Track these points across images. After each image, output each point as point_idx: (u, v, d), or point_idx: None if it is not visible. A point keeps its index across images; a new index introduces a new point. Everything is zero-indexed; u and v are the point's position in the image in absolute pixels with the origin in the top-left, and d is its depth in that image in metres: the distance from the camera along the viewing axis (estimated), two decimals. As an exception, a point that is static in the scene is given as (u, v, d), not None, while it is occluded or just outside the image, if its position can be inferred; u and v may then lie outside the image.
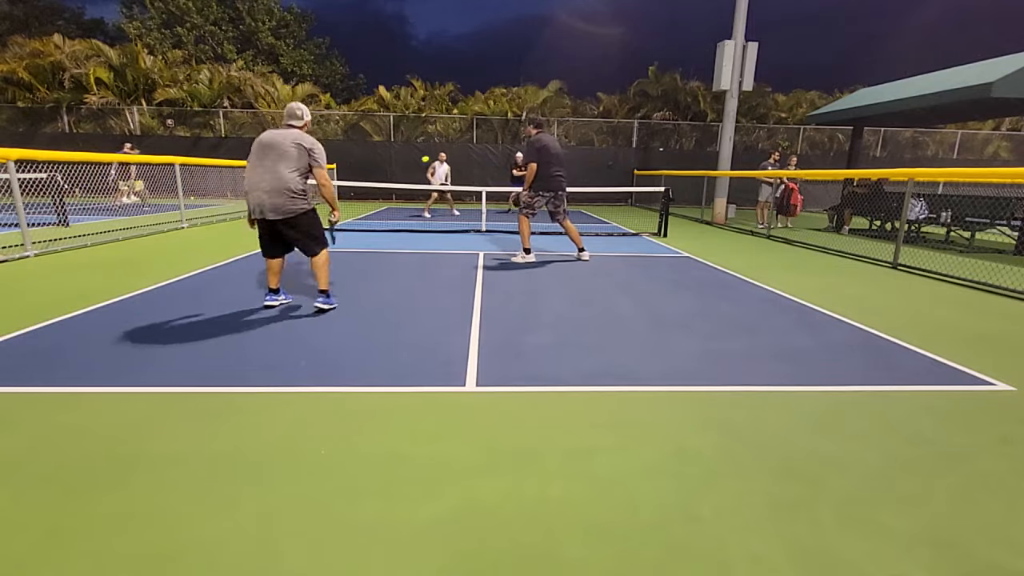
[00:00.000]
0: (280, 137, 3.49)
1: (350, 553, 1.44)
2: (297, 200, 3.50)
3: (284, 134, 3.50)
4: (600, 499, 1.70)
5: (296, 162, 3.47)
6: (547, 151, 5.80)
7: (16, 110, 17.69)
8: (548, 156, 5.80)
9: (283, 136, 3.49)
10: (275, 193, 3.43)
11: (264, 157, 3.47)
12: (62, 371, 2.63)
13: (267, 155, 3.46)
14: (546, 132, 5.99)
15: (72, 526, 1.52)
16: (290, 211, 3.49)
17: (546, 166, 5.81)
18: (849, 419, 2.30)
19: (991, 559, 1.46)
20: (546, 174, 5.84)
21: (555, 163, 5.87)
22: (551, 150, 5.84)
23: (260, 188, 3.43)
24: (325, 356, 2.93)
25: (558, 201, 6.01)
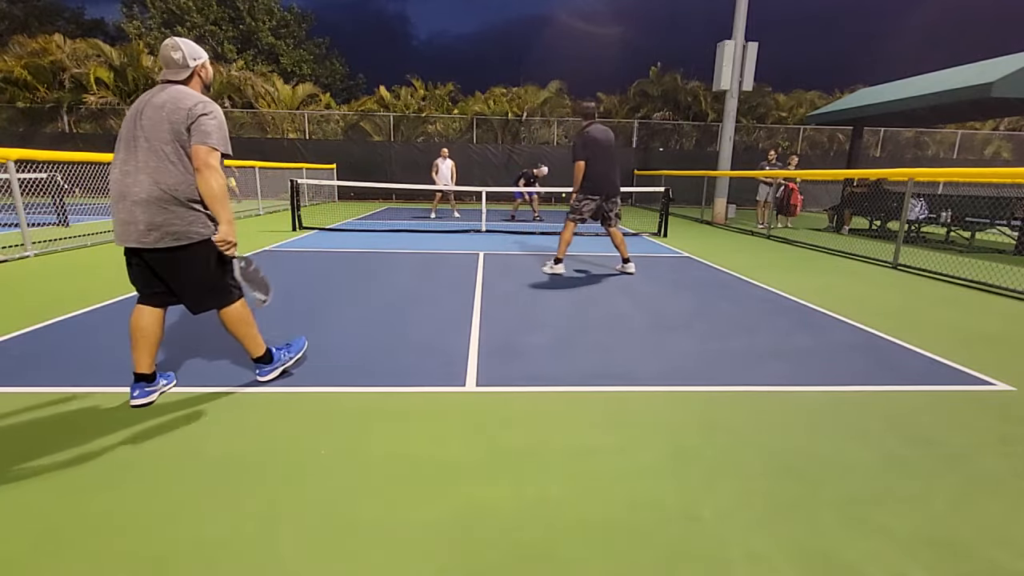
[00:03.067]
0: (148, 105, 2.12)
1: (350, 553, 1.44)
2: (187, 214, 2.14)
3: (153, 97, 2.13)
4: (600, 499, 1.70)
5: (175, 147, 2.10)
6: (596, 146, 4.95)
7: (16, 110, 17.69)
8: (598, 152, 4.96)
9: (150, 101, 2.12)
10: (150, 204, 2.09)
11: (134, 147, 2.11)
12: (62, 371, 2.63)
13: (135, 141, 2.11)
14: (595, 124, 5.09)
15: (71, 526, 1.52)
16: (175, 234, 2.14)
17: (595, 164, 4.99)
18: (849, 419, 2.30)
19: (991, 559, 1.46)
20: (595, 174, 5.01)
21: (606, 161, 5.06)
22: (602, 144, 4.98)
23: (129, 197, 2.10)
24: (325, 356, 2.93)
25: (611, 206, 5.23)
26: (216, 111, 2.17)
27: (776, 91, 20.59)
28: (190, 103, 2.11)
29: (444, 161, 11.15)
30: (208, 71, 2.32)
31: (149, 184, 2.09)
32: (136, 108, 2.15)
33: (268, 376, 2.57)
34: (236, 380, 2.57)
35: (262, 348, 2.52)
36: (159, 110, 2.10)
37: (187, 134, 2.10)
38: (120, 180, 2.12)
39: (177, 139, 2.10)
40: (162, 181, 2.09)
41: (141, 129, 2.10)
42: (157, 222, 2.11)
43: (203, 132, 2.10)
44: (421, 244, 7.39)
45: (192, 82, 2.25)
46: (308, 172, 14.31)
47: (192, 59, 2.22)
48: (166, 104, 2.10)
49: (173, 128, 2.09)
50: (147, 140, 2.10)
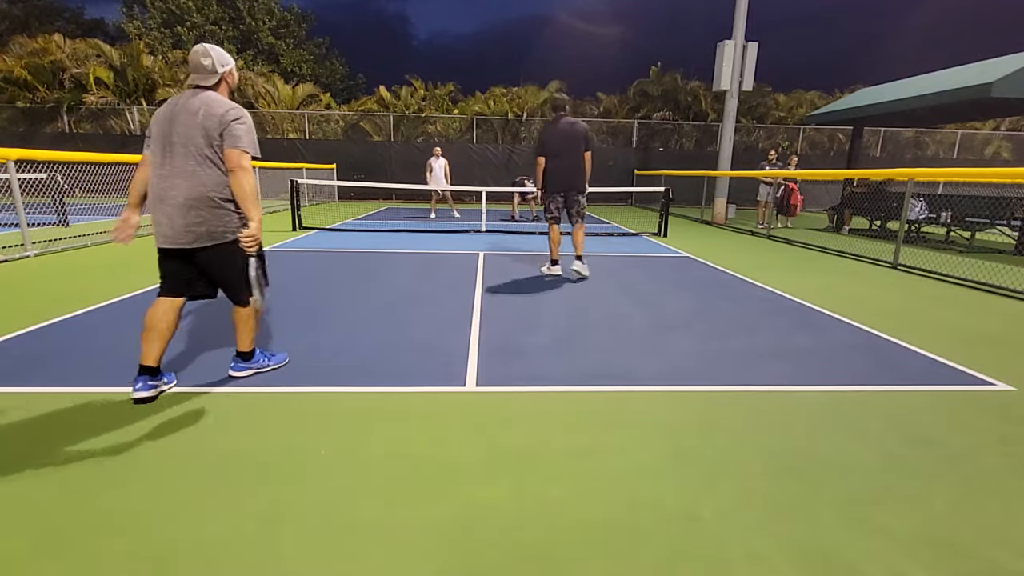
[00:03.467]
0: (183, 111, 2.22)
1: (350, 553, 1.44)
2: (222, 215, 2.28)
3: (187, 104, 2.23)
4: (600, 499, 1.70)
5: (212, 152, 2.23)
6: (554, 142, 4.97)
7: (16, 110, 17.69)
8: (555, 148, 4.96)
9: (185, 107, 2.23)
10: (188, 207, 2.22)
11: (170, 152, 2.22)
12: (62, 371, 2.63)
13: (172, 147, 2.22)
14: (562, 118, 5.01)
15: (72, 526, 1.52)
16: (211, 234, 2.28)
17: (552, 160, 5.02)
18: (849, 419, 2.30)
19: (991, 559, 1.46)
20: (551, 170, 5.05)
21: (565, 157, 4.96)
22: (559, 140, 4.95)
23: (168, 200, 2.22)
24: (325, 356, 2.93)
25: (572, 203, 5.14)
26: (246, 116, 2.29)
27: (776, 91, 20.59)
28: (222, 110, 2.23)
29: (437, 160, 11.08)
30: (234, 77, 2.44)
31: (186, 188, 2.21)
32: (168, 113, 2.24)
33: (242, 373, 2.61)
34: (236, 380, 2.57)
35: (250, 346, 2.60)
36: (193, 116, 2.20)
37: (220, 139, 2.22)
38: (157, 184, 2.25)
39: (211, 144, 2.23)
40: (198, 185, 2.22)
41: (177, 135, 2.21)
42: (194, 223, 2.24)
43: (235, 137, 2.23)
44: (421, 244, 7.39)
45: (220, 88, 2.36)
46: (308, 172, 14.31)
47: (220, 65, 2.33)
48: (200, 111, 2.21)
49: (207, 134, 2.21)
50: (183, 146, 2.21)
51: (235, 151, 2.23)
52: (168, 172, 2.23)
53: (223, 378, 2.58)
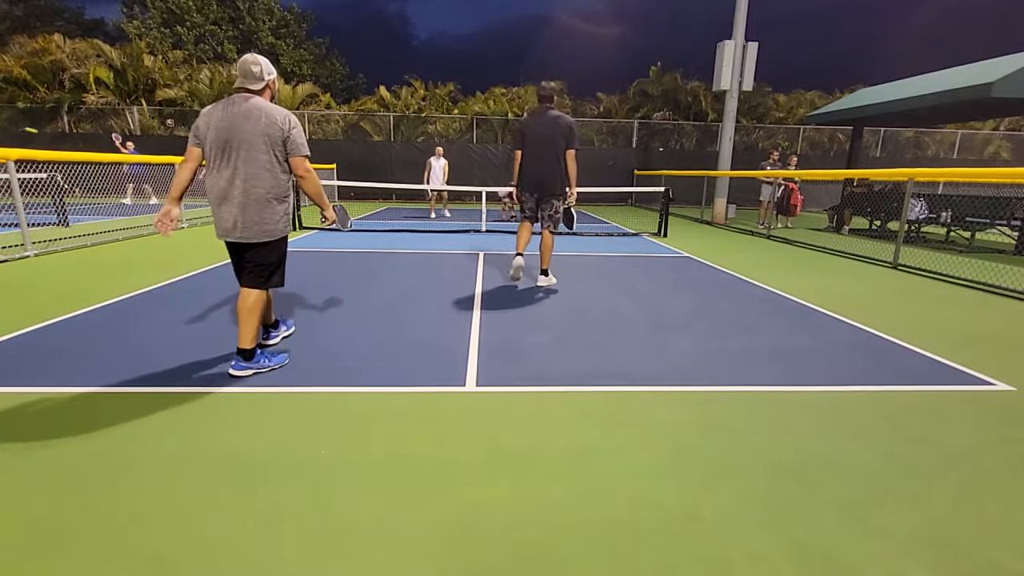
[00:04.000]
0: (241, 118, 2.44)
1: (350, 553, 1.44)
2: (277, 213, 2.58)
3: (246, 112, 2.44)
4: (600, 499, 1.70)
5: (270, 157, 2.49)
6: (531, 135, 4.44)
7: (16, 110, 17.69)
8: (531, 142, 4.44)
9: (244, 116, 2.44)
10: (247, 206, 2.49)
11: (229, 156, 2.46)
12: (62, 371, 2.63)
13: (232, 152, 2.46)
14: (548, 110, 4.46)
15: (72, 526, 1.52)
16: (267, 232, 2.56)
17: (527, 155, 4.50)
18: (849, 419, 2.30)
19: (991, 559, 1.46)
20: (524, 167, 4.54)
21: (540, 153, 4.43)
22: (537, 134, 4.41)
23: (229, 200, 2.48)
24: (325, 356, 2.93)
25: (545, 206, 4.55)
26: (297, 123, 2.58)
27: (776, 91, 20.60)
28: (280, 118, 2.49)
29: (438, 160, 11.13)
30: (276, 85, 2.70)
31: (246, 188, 2.47)
32: (225, 118, 2.44)
33: (242, 373, 2.62)
34: (236, 380, 2.57)
35: (252, 343, 2.64)
36: (255, 123, 2.44)
37: (282, 145, 2.51)
38: (217, 184, 2.49)
39: (272, 149, 2.49)
40: (258, 186, 2.48)
41: (237, 140, 2.44)
42: (253, 221, 2.51)
43: (298, 145, 2.54)
44: (421, 244, 7.39)
45: (265, 93, 2.58)
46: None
47: (267, 74, 2.57)
48: (260, 118, 2.44)
49: (270, 140, 2.46)
50: (246, 151, 2.45)
51: (300, 158, 2.57)
52: (230, 174, 2.47)
53: (223, 378, 2.58)
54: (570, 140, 4.36)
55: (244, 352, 2.61)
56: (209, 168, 2.51)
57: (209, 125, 2.47)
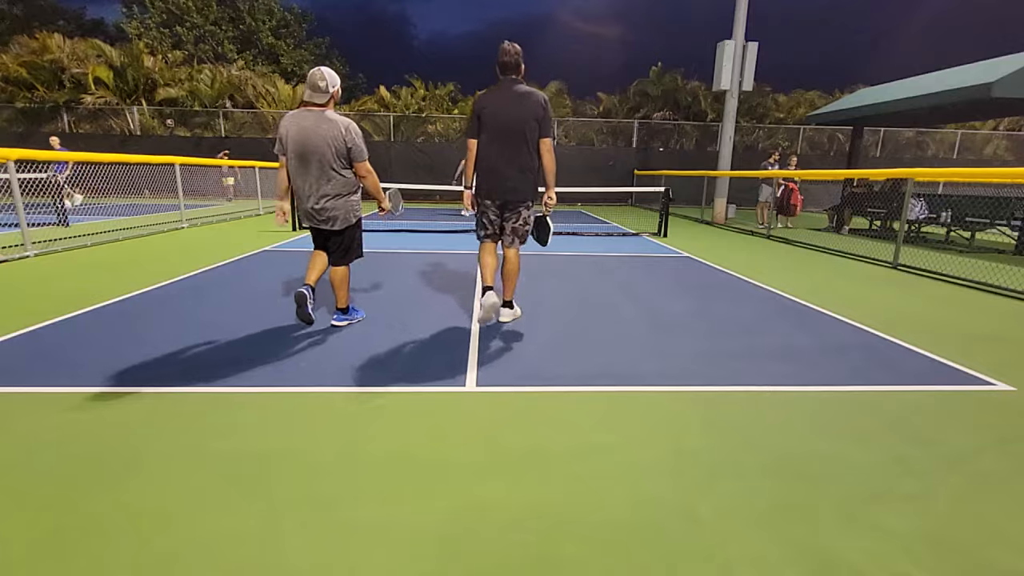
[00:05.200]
0: (312, 132, 2.99)
1: (350, 553, 1.44)
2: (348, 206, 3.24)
3: (316, 127, 2.99)
4: (600, 499, 1.70)
5: (338, 163, 3.09)
6: (486, 119, 3.20)
7: (16, 110, 17.69)
8: (492, 126, 3.20)
9: (314, 130, 2.99)
10: (324, 203, 3.14)
11: (306, 163, 3.05)
12: (62, 371, 2.63)
13: (308, 160, 3.04)
14: (514, 83, 3.21)
15: (72, 526, 1.52)
16: (343, 220, 3.23)
17: (486, 146, 3.25)
18: (849, 419, 2.30)
19: (991, 559, 1.46)
20: (483, 162, 3.30)
21: (497, 141, 3.21)
22: (496, 115, 3.18)
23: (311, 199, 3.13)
24: (325, 356, 2.93)
25: (510, 215, 3.36)
26: (357, 131, 3.11)
27: (776, 91, 20.61)
28: (342, 129, 3.02)
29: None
30: (339, 94, 3.15)
31: (321, 189, 3.10)
32: (300, 133, 3.00)
33: (342, 323, 3.45)
34: (236, 380, 2.57)
35: (346, 302, 3.45)
36: (323, 138, 2.99)
37: (347, 152, 3.08)
38: (300, 187, 3.13)
39: (339, 157, 3.07)
40: (331, 188, 3.12)
41: (310, 152, 3.02)
42: (331, 214, 3.18)
43: (359, 151, 3.12)
44: (421, 244, 7.39)
45: (330, 104, 3.08)
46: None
47: (332, 86, 3.04)
48: (328, 133, 2.99)
49: (337, 150, 3.04)
50: (319, 162, 3.04)
51: (362, 164, 3.16)
52: (308, 179, 3.08)
53: (224, 378, 2.58)
54: (544, 126, 3.20)
55: (342, 309, 3.44)
56: (292, 173, 3.12)
57: (288, 138, 3.03)
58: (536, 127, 3.20)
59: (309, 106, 3.04)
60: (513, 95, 3.18)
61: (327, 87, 3.00)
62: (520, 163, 3.24)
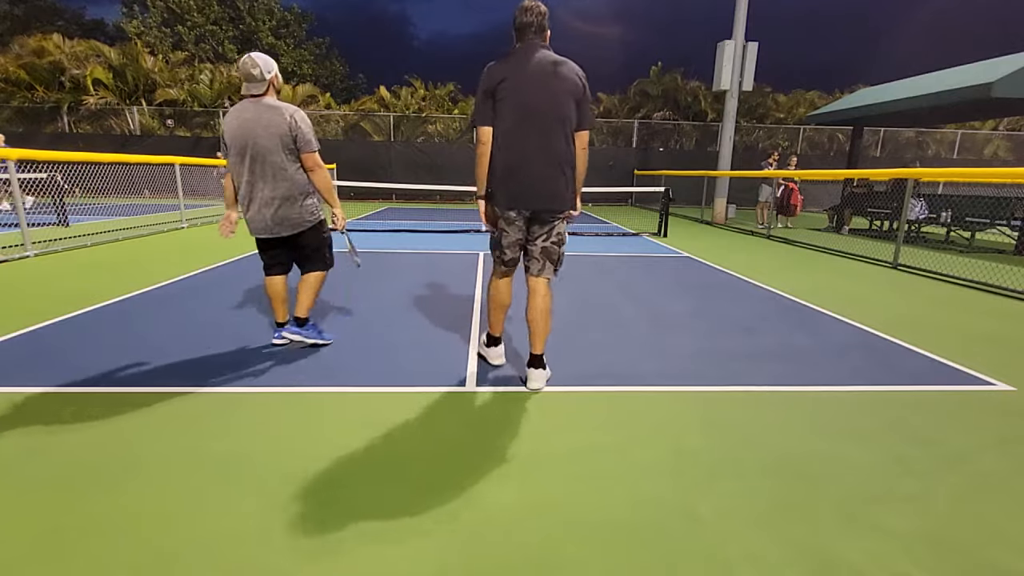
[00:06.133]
0: (254, 125, 2.60)
1: (350, 553, 1.44)
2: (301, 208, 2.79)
3: (257, 118, 2.61)
4: (600, 499, 1.70)
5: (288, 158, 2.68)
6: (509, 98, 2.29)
7: (16, 110, 17.69)
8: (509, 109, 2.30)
9: (256, 121, 2.60)
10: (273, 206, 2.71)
11: (251, 161, 2.67)
12: (62, 371, 2.63)
13: (253, 157, 2.66)
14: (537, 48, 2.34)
15: (71, 526, 1.52)
16: (294, 224, 2.80)
17: (504, 135, 2.34)
18: (849, 419, 2.30)
19: (991, 559, 1.46)
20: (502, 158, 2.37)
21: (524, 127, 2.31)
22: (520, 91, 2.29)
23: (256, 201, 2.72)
24: (325, 356, 2.93)
25: (536, 232, 2.50)
26: (305, 118, 2.70)
27: (776, 91, 20.60)
28: (286, 118, 2.62)
29: None
30: (279, 78, 2.76)
31: (270, 191, 2.68)
32: (239, 126, 2.62)
33: (294, 336, 2.98)
34: (236, 380, 2.57)
35: (307, 313, 2.97)
36: (266, 129, 2.60)
37: (293, 143, 2.66)
38: (245, 188, 2.72)
39: (286, 150, 2.66)
40: (280, 187, 2.68)
41: (253, 147, 2.63)
42: (280, 217, 2.73)
43: (307, 141, 2.68)
44: (421, 244, 7.39)
45: (269, 91, 2.70)
46: (308, 172, 14.30)
47: (267, 72, 2.67)
48: (270, 124, 2.60)
49: (282, 143, 2.63)
50: (264, 157, 2.64)
51: (310, 154, 2.71)
52: (252, 178, 2.69)
53: (224, 378, 2.58)
54: (584, 110, 2.38)
55: (299, 319, 2.95)
56: (234, 175, 2.73)
57: (228, 135, 2.67)
58: (574, 110, 2.35)
59: (248, 98, 2.68)
60: (542, 63, 2.28)
61: (261, 74, 2.63)
62: (557, 157, 2.35)
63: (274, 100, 2.68)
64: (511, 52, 2.37)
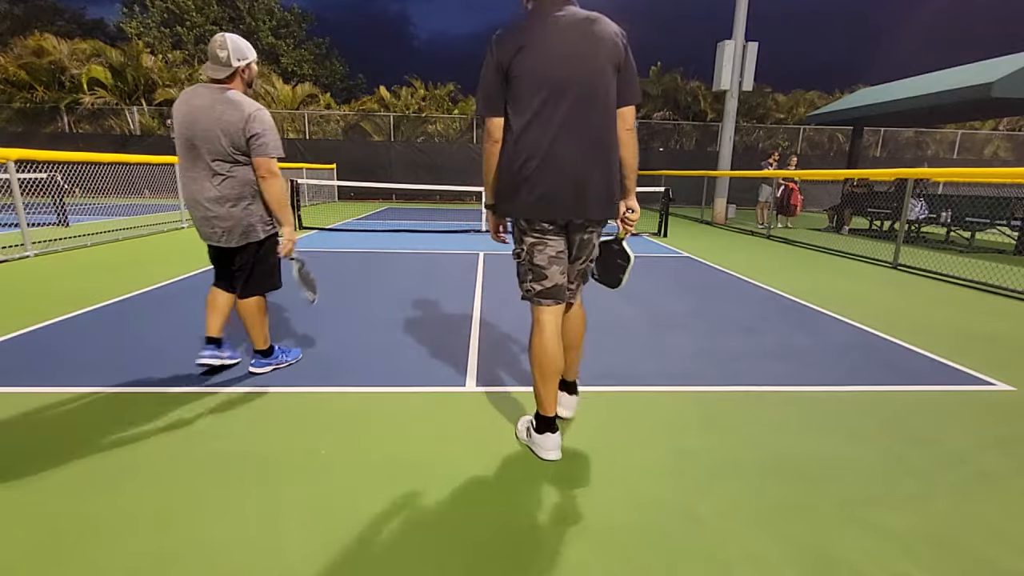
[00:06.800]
0: (203, 114, 2.20)
1: (350, 553, 1.44)
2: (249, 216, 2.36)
3: (209, 107, 2.21)
4: (600, 499, 1.70)
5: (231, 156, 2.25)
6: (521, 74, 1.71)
7: (15, 110, 17.70)
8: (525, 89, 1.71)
9: (207, 111, 2.20)
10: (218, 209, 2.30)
11: (193, 154, 2.26)
12: (62, 371, 2.63)
13: (196, 149, 2.25)
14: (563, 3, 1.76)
15: (71, 527, 1.52)
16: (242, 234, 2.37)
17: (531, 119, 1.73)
18: (849, 419, 2.30)
19: (991, 559, 1.46)
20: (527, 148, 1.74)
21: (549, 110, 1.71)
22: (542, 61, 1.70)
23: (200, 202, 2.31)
24: (325, 356, 2.93)
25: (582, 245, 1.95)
26: (266, 117, 2.29)
27: (776, 91, 20.61)
28: (243, 115, 2.21)
29: None
30: (252, 71, 2.37)
31: (214, 192, 2.29)
32: (187, 113, 2.23)
33: (262, 369, 2.65)
34: (236, 380, 2.57)
35: (266, 343, 2.65)
36: (216, 120, 2.20)
37: (246, 145, 2.25)
38: (188, 187, 2.33)
39: (236, 149, 2.25)
40: (225, 189, 2.28)
41: (199, 139, 2.23)
42: (227, 225, 2.33)
43: (262, 144, 2.26)
44: (421, 244, 7.39)
45: (234, 82, 2.30)
46: (308, 172, 14.31)
47: (237, 59, 2.26)
48: (222, 116, 2.20)
49: (232, 140, 2.23)
50: (208, 152, 2.24)
51: (264, 159, 2.29)
52: (195, 175, 2.29)
53: (224, 378, 2.58)
54: (628, 79, 1.87)
55: (262, 352, 2.64)
56: (180, 167, 2.35)
57: (175, 121, 2.28)
58: (613, 79, 1.79)
59: (207, 82, 2.28)
60: (571, 24, 1.73)
61: (228, 58, 2.21)
62: (598, 146, 1.79)
63: (237, 94, 2.26)
64: (528, 12, 1.80)
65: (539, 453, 1.95)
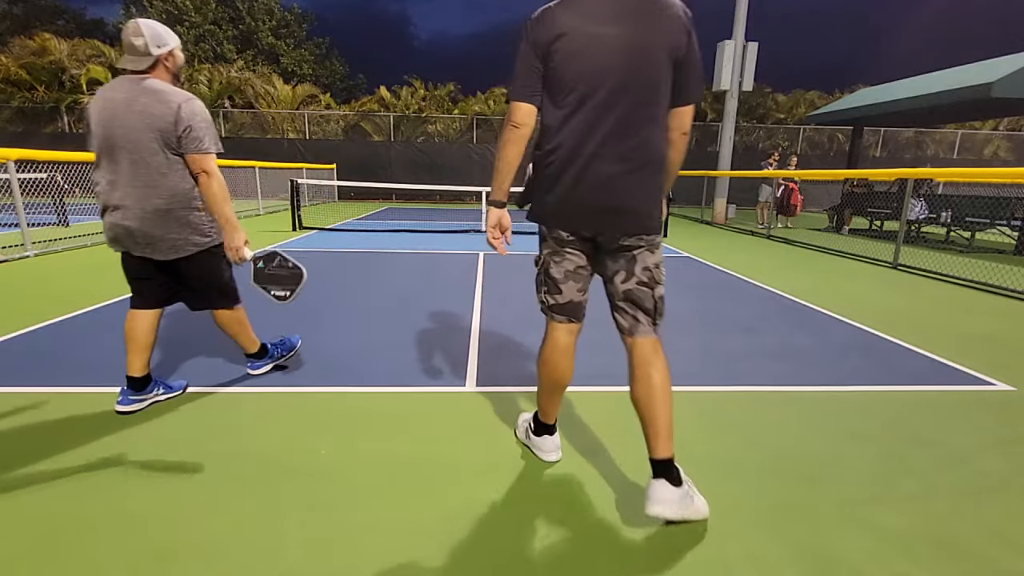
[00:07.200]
0: (123, 109, 1.92)
1: (350, 553, 1.44)
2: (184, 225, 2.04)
3: (130, 101, 1.92)
4: (600, 499, 1.70)
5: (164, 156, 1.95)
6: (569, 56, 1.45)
7: (15, 110, 17.70)
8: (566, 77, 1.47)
9: (127, 105, 1.92)
10: (144, 218, 1.98)
11: (114, 157, 1.96)
12: (62, 371, 2.63)
13: (116, 151, 1.95)
14: None
15: (72, 526, 1.52)
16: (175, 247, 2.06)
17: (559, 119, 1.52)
18: (849, 419, 2.30)
19: (991, 559, 1.46)
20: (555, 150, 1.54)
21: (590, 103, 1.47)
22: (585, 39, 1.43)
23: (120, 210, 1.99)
24: (325, 356, 2.93)
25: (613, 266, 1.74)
26: (200, 110, 1.99)
27: (776, 91, 20.61)
28: (172, 107, 1.92)
29: None
30: (176, 59, 2.07)
31: (140, 198, 1.96)
32: (105, 110, 1.94)
33: (260, 371, 2.59)
34: (236, 380, 2.57)
35: (256, 345, 2.54)
36: (138, 115, 1.91)
37: (177, 142, 1.95)
38: (108, 192, 1.98)
39: (166, 146, 1.95)
40: (153, 194, 1.96)
41: (120, 138, 1.93)
42: (155, 235, 2.00)
43: (196, 139, 1.96)
44: (421, 244, 7.39)
45: (156, 72, 2.01)
46: (308, 172, 14.32)
47: (156, 46, 1.97)
48: (146, 109, 1.91)
49: (161, 136, 1.93)
50: (130, 152, 1.93)
51: (199, 156, 1.97)
52: (117, 180, 1.96)
53: (223, 378, 2.58)
54: (691, 71, 1.54)
55: (254, 355, 2.55)
56: (97, 171, 2.01)
57: (92, 119, 1.97)
58: (669, 71, 1.50)
59: (127, 74, 2.00)
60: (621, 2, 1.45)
61: (146, 46, 1.94)
62: (643, 152, 1.53)
63: (162, 83, 1.98)
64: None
65: (539, 455, 1.95)
